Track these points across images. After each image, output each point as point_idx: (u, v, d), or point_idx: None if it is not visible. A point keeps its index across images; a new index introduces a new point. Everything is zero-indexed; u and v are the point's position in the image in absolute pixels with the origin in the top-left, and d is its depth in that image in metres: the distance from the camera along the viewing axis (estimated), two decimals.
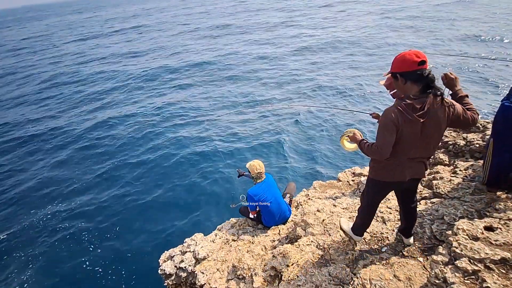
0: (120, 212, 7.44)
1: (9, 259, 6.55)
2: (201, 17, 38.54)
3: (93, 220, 7.31)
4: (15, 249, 6.75)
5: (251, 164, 3.98)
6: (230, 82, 15.31)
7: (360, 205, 2.90)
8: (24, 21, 79.75)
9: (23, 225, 7.39)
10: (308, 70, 15.73)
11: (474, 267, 2.01)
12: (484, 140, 4.23)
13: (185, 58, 20.71)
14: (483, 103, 10.31)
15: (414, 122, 1.97)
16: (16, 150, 11.09)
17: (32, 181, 9.06)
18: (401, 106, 1.99)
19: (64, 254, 6.49)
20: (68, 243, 6.75)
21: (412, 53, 1.92)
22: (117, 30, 38.92)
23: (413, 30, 20.57)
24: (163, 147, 10.00)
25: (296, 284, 2.78)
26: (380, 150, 2.11)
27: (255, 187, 3.90)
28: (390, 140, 2.06)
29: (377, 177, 2.41)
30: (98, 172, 9.06)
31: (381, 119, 2.09)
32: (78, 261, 6.23)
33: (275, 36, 24.02)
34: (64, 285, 5.81)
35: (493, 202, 2.91)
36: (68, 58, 25.25)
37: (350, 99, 12.05)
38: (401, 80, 2.01)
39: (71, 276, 5.96)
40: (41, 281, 5.92)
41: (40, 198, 8.30)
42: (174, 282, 3.76)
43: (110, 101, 14.47)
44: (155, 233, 6.73)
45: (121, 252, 6.35)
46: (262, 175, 3.95)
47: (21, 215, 7.76)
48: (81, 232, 6.99)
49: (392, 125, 2.00)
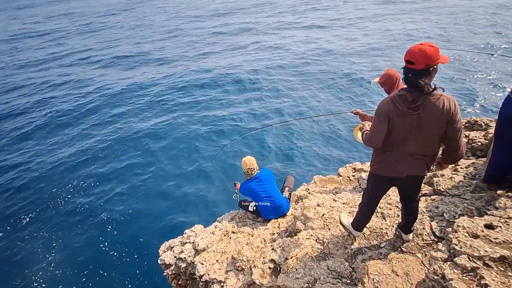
0: (129, 201, 7.59)
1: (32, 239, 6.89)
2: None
3: (104, 207, 7.54)
4: (37, 230, 7.11)
5: (242, 160, 4.06)
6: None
7: (361, 201, 2.91)
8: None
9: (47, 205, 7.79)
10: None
11: (473, 264, 2.03)
12: (486, 139, 4.22)
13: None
14: (486, 99, 10.26)
15: (406, 113, 2.02)
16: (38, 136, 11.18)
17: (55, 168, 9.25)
18: (394, 97, 2.07)
19: (83, 236, 6.81)
20: (87, 227, 7.04)
21: (433, 50, 1.89)
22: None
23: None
24: (166, 138, 10.00)
25: (295, 277, 2.80)
26: (370, 138, 2.24)
27: (245, 184, 4.01)
28: (381, 128, 2.13)
29: (375, 171, 2.45)
30: (117, 163, 9.15)
31: (376, 108, 2.18)
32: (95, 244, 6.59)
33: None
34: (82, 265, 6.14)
35: (494, 200, 2.91)
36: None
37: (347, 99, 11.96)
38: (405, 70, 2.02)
39: (88, 255, 6.33)
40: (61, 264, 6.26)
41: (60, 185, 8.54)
42: (173, 272, 3.80)
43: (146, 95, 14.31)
44: (157, 221, 6.81)
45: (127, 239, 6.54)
46: (253, 171, 3.99)
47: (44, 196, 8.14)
48: (98, 217, 7.29)
49: (383, 113, 2.09)
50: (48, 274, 6.01)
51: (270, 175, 4.10)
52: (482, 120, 4.73)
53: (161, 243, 4.20)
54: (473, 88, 11.18)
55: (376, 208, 3.42)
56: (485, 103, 10.12)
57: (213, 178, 8.05)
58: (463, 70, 12.69)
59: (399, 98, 2.04)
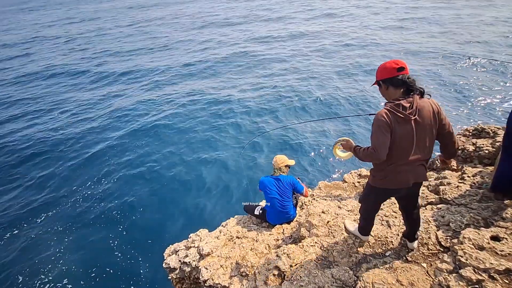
0: (135, 201, 7.69)
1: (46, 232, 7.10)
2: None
3: (110, 207, 7.68)
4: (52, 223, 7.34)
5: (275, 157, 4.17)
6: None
7: (361, 208, 2.92)
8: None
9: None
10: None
11: (478, 276, 2.02)
12: (494, 146, 4.18)
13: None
14: (495, 108, 10.15)
15: (406, 120, 2.05)
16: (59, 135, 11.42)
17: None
18: (390, 107, 2.09)
19: (91, 235, 6.94)
20: (98, 224, 7.20)
21: (391, 62, 2.11)
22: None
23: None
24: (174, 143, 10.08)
25: (299, 284, 2.81)
26: (376, 151, 2.10)
27: (266, 177, 4.09)
28: (385, 140, 2.08)
29: (379, 185, 2.40)
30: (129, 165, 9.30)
31: (373, 122, 2.14)
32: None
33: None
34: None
35: (501, 211, 2.89)
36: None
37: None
38: (384, 86, 2.17)
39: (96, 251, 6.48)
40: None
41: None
42: (178, 276, 3.84)
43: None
44: (160, 224, 6.87)
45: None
46: (275, 171, 4.05)
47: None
48: (107, 215, 7.45)
49: (385, 124, 2.06)
50: (55, 266, 6.18)
51: (291, 183, 4.04)
52: (489, 127, 4.69)
53: (166, 246, 4.24)
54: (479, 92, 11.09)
55: (381, 216, 3.43)
56: (493, 110, 10.02)
57: (219, 182, 8.09)
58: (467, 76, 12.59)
59: (396, 107, 2.06)
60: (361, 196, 2.85)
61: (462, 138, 4.76)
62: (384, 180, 2.32)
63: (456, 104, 10.73)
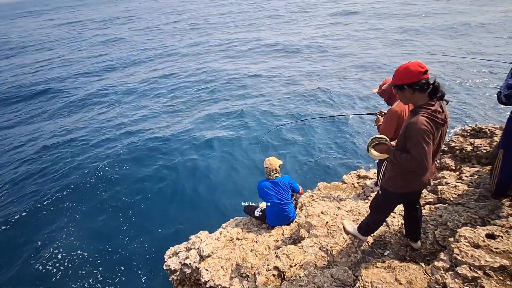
0: (138, 204, 7.75)
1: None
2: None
3: (114, 206, 7.77)
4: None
5: (265, 160, 4.15)
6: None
7: (375, 215, 2.87)
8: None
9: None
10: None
11: (474, 274, 2.05)
12: (491, 146, 4.22)
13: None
14: (492, 109, 10.19)
15: (442, 125, 2.05)
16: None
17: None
18: (429, 113, 2.00)
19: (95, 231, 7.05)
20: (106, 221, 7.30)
21: (415, 64, 2.02)
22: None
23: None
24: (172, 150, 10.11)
25: (298, 284, 2.83)
26: (423, 162, 2.00)
27: (263, 182, 4.08)
28: (430, 149, 2.02)
29: (398, 190, 2.38)
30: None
31: (414, 131, 2.01)
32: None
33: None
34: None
35: (497, 209, 2.92)
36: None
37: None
38: (408, 91, 2.06)
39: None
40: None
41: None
42: (178, 277, 3.86)
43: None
44: (160, 226, 6.90)
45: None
46: (271, 173, 4.04)
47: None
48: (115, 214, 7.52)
49: (429, 133, 1.99)
50: (58, 256, 6.33)
51: (288, 184, 4.12)
52: (487, 127, 4.73)
53: (166, 248, 4.27)
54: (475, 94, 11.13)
55: None
56: (490, 111, 10.05)
57: (218, 183, 8.12)
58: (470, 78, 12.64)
59: (434, 113, 2.00)
60: (377, 205, 2.76)
61: (460, 138, 4.80)
62: (405, 184, 2.32)
63: (456, 104, 10.77)
